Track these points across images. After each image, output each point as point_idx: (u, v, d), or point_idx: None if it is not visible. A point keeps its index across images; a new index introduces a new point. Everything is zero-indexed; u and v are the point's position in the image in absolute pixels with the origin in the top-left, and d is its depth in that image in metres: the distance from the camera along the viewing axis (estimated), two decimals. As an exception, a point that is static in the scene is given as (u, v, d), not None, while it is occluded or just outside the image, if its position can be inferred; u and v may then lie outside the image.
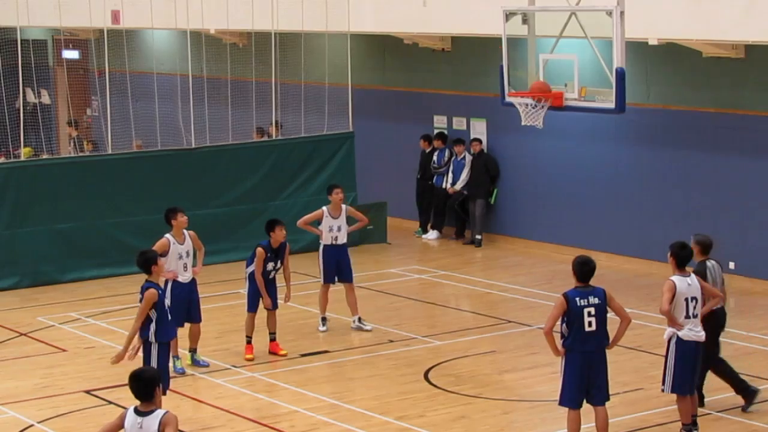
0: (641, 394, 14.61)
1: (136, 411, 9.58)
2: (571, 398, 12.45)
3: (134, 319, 13.47)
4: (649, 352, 16.09)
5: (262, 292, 16.20)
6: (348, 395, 15.02)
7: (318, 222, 17.58)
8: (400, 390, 15.10)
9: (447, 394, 14.93)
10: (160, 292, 13.53)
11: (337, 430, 13.82)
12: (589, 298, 12.24)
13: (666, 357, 13.02)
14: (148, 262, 13.50)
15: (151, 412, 9.54)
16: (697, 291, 12.96)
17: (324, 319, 17.66)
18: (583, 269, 12.34)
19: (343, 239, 17.57)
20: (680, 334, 12.89)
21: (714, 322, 13.65)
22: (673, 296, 12.81)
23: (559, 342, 12.45)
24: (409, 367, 16.04)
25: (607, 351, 12.47)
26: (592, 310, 12.22)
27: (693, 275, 13.02)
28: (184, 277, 15.74)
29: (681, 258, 13.01)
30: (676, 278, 12.91)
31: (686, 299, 12.85)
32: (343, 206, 17.70)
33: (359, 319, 17.69)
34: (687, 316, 12.87)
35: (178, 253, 15.68)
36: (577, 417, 12.50)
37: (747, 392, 14.11)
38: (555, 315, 12.30)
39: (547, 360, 16.05)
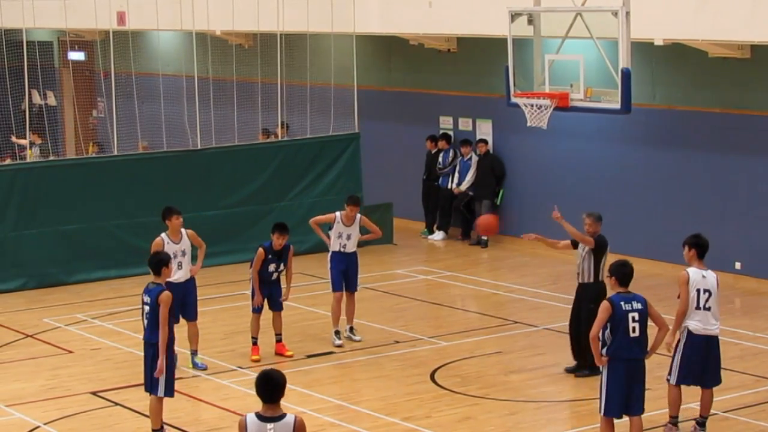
0: (648, 395, 14.49)
1: (260, 417, 8.89)
2: (615, 408, 12.23)
3: (160, 326, 13.06)
4: (656, 353, 16.01)
5: (255, 290, 16.17)
6: (354, 396, 15.02)
7: (330, 225, 17.47)
8: (406, 391, 15.09)
9: (453, 395, 14.92)
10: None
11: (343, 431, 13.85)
12: (633, 303, 12.13)
13: (675, 348, 13.03)
14: (160, 263, 13.38)
15: (282, 416, 8.90)
16: (712, 286, 12.93)
17: (338, 333, 17.18)
18: (623, 270, 12.22)
19: (352, 248, 17.20)
20: (691, 326, 12.88)
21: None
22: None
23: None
24: (415, 367, 16.03)
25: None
26: (636, 315, 12.10)
27: (710, 271, 13.02)
28: (176, 277, 15.59)
29: (701, 247, 13.01)
30: (691, 270, 12.92)
31: (698, 290, 12.83)
32: (358, 215, 17.35)
33: (351, 328, 17.36)
34: (697, 307, 12.85)
35: (173, 252, 15.59)
36: (613, 425, 12.36)
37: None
38: (602, 319, 12.09)
39: (554, 360, 16.06)
